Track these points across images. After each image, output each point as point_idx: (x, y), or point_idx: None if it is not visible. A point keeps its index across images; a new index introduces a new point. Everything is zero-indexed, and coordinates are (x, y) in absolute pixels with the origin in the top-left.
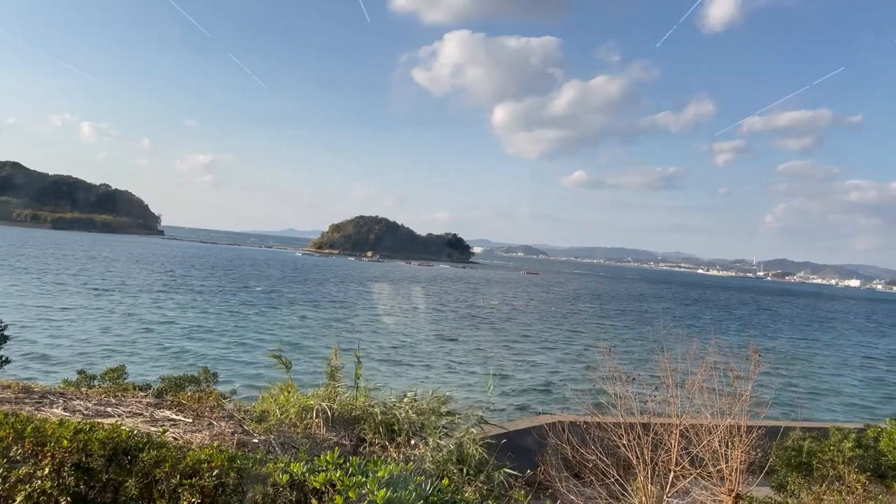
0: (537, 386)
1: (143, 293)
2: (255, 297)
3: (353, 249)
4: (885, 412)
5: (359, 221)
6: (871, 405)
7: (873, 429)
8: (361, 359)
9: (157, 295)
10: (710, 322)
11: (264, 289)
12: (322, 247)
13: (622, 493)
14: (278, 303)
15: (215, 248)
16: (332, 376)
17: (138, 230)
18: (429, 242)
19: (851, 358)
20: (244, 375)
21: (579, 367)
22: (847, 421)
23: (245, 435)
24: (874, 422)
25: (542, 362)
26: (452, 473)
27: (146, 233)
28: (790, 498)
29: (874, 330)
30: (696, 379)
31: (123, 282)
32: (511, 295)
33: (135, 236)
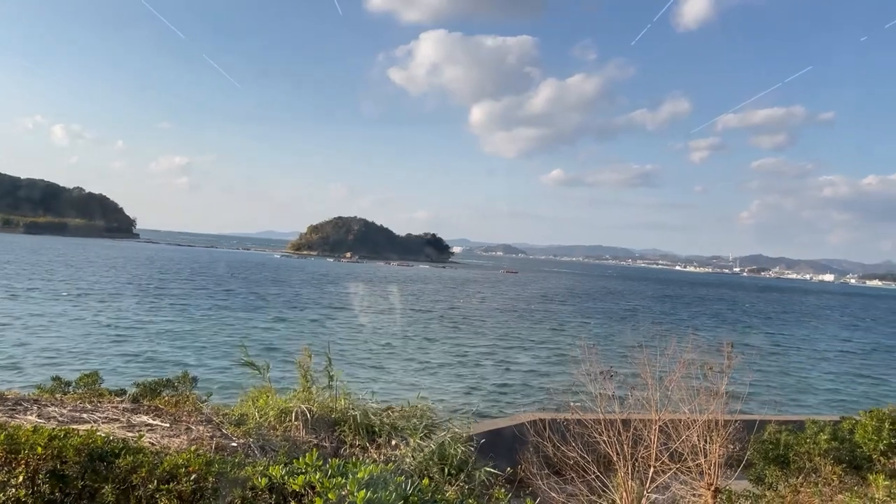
0: (518, 384)
1: (117, 298)
2: (233, 299)
3: (332, 250)
4: (860, 405)
5: (337, 222)
6: (846, 398)
7: (848, 421)
8: (339, 361)
9: (131, 299)
10: (688, 318)
11: (241, 291)
12: (300, 248)
13: (603, 489)
14: (255, 305)
15: (192, 250)
16: (306, 378)
17: (113, 234)
18: (408, 243)
19: (826, 352)
20: (222, 379)
21: (560, 365)
22: (823, 414)
23: (223, 439)
24: (849, 414)
25: (523, 360)
26: (433, 473)
27: (121, 236)
28: (768, 490)
29: (849, 324)
30: (675, 375)
31: (97, 286)
32: (491, 294)
33: (110, 240)
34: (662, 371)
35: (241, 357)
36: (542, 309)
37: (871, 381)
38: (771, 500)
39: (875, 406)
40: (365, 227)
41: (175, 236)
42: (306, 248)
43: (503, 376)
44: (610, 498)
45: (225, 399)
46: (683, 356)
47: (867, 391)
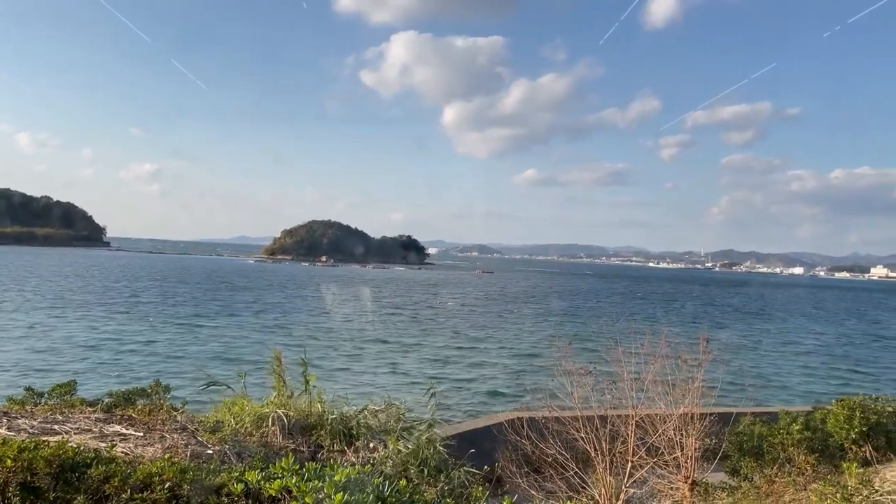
0: (496, 384)
1: (87, 308)
2: (206, 306)
3: (307, 254)
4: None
5: (311, 226)
6: (818, 389)
7: (820, 411)
8: (316, 364)
9: (101, 309)
10: (662, 314)
11: (215, 298)
12: (275, 253)
13: (581, 485)
14: (229, 312)
15: (164, 258)
16: (282, 383)
17: (83, 243)
18: (383, 245)
19: (798, 344)
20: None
21: (537, 363)
22: (795, 405)
23: (199, 446)
24: (821, 404)
25: (500, 359)
26: (411, 474)
27: (91, 245)
28: (744, 482)
29: (819, 317)
30: (650, 370)
31: (68, 297)
32: (467, 294)
33: (79, 249)
34: (638, 366)
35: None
36: (518, 308)
37: (843, 371)
38: (747, 492)
39: (846, 395)
40: (340, 230)
41: (146, 244)
42: (280, 252)
43: (482, 375)
44: (589, 494)
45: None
46: (658, 351)
47: (838, 381)
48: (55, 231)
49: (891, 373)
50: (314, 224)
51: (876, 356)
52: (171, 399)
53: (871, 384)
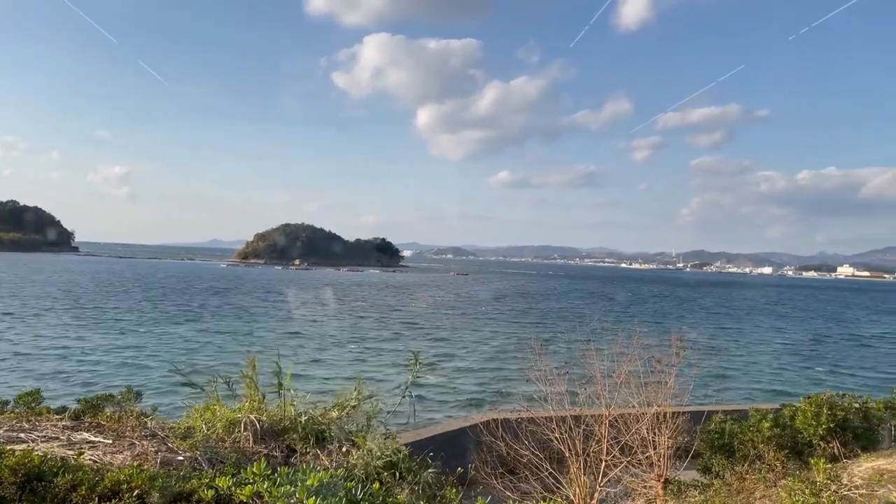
0: (471, 385)
1: (53, 315)
2: (178, 311)
3: (280, 258)
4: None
5: (284, 229)
6: (787, 387)
7: (789, 408)
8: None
9: (68, 316)
10: (635, 315)
11: (186, 303)
12: (247, 257)
13: (556, 485)
14: (202, 316)
15: (134, 262)
16: (255, 387)
17: (51, 247)
18: (357, 248)
19: (767, 343)
20: (168, 392)
21: (512, 365)
22: (765, 402)
23: (169, 453)
24: (789, 401)
25: (475, 361)
26: (385, 477)
27: (59, 250)
28: (715, 479)
29: (788, 316)
30: (623, 370)
31: (35, 303)
32: (441, 297)
33: (47, 254)
34: (611, 367)
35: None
36: (491, 310)
37: (811, 369)
38: (718, 489)
39: (813, 392)
40: (313, 233)
41: (116, 248)
42: (253, 256)
43: (457, 377)
44: (563, 494)
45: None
46: (630, 351)
47: (807, 379)
48: (22, 236)
49: (857, 370)
50: (287, 227)
51: (843, 354)
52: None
53: (838, 382)
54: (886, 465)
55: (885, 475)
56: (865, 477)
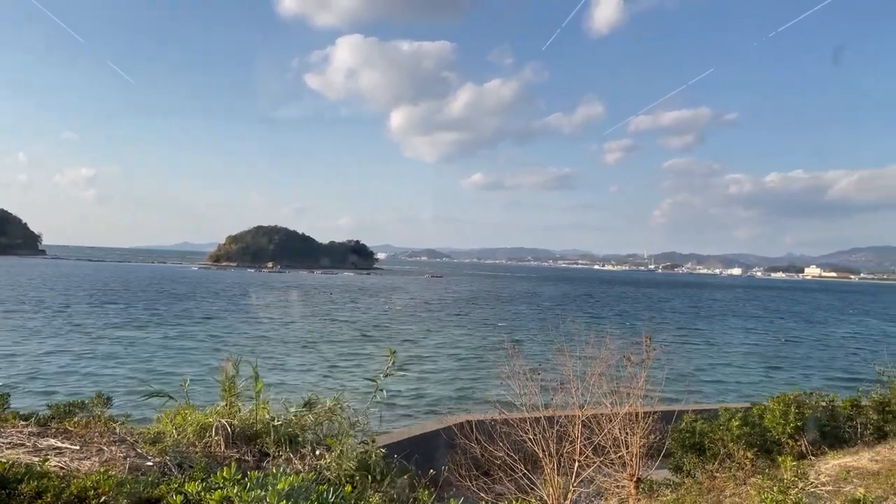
0: (446, 387)
1: (19, 319)
2: (147, 316)
3: (253, 261)
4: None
5: (257, 231)
6: (756, 386)
7: (758, 407)
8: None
9: (36, 321)
10: (608, 316)
11: (157, 307)
12: (219, 259)
13: (530, 486)
14: (173, 320)
15: (103, 265)
16: (228, 391)
17: (17, 250)
18: (331, 250)
19: (736, 343)
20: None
21: (485, 366)
22: (735, 402)
23: (138, 458)
24: (758, 401)
25: (449, 363)
26: (357, 480)
27: (26, 253)
28: (686, 478)
29: (758, 316)
30: (595, 371)
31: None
32: (415, 299)
33: (13, 258)
34: (584, 367)
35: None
36: (466, 312)
37: (779, 369)
38: (689, 488)
39: (782, 392)
40: (286, 235)
41: (85, 251)
42: (225, 258)
43: (431, 379)
44: (537, 495)
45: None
46: (603, 352)
47: (775, 379)
48: None
49: (825, 370)
50: (260, 229)
51: (811, 354)
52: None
53: (806, 381)
54: (852, 462)
55: (852, 472)
56: (832, 474)
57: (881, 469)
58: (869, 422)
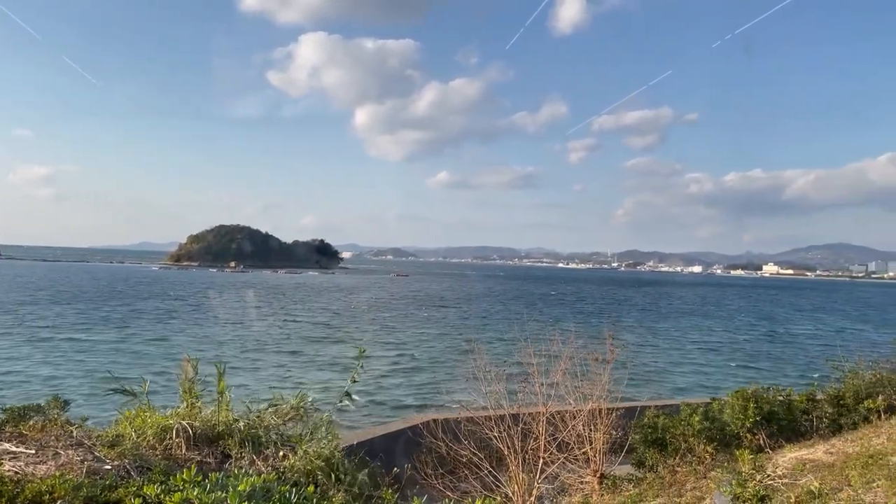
0: (411, 386)
1: None
2: (104, 317)
3: (215, 260)
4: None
5: (219, 231)
6: (717, 382)
7: (717, 402)
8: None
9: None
10: (572, 314)
11: (115, 308)
12: (180, 259)
13: (496, 483)
14: (129, 321)
15: (59, 266)
16: (188, 392)
17: None
18: (295, 250)
19: (697, 340)
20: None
21: (451, 365)
22: (695, 397)
23: (96, 462)
24: (718, 396)
25: (413, 362)
26: (321, 480)
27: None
28: (648, 473)
29: (718, 314)
30: (559, 367)
31: None
32: (380, 298)
33: None
34: (548, 365)
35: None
36: (431, 311)
37: (739, 365)
38: (651, 482)
39: (741, 387)
40: (250, 235)
41: (41, 251)
42: (187, 258)
43: (396, 378)
44: (503, 492)
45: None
46: (567, 350)
47: (735, 374)
48: None
49: (783, 365)
50: (222, 229)
51: (769, 350)
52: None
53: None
54: (808, 454)
55: (808, 464)
56: (789, 466)
57: (836, 461)
58: (824, 415)
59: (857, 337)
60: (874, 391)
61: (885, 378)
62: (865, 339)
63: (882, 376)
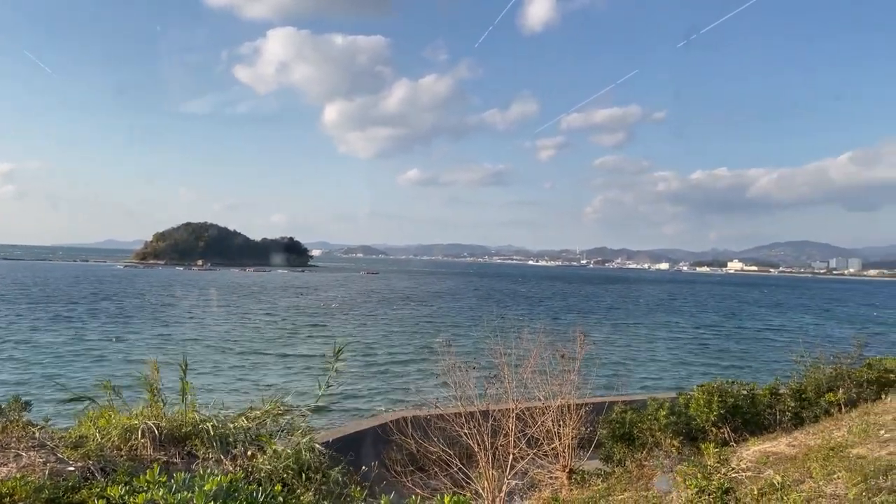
0: (381, 384)
1: None
2: (65, 316)
3: (182, 258)
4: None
5: (187, 228)
6: (683, 376)
7: (683, 396)
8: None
9: None
10: (542, 311)
11: (77, 307)
12: (146, 257)
13: (466, 480)
14: (92, 320)
15: (19, 264)
16: (153, 392)
17: None
18: (264, 247)
19: (664, 336)
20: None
21: (421, 362)
22: (662, 392)
23: (59, 463)
24: (684, 390)
25: (383, 360)
26: (289, 478)
27: None
28: (616, 467)
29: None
30: (529, 364)
31: None
32: (349, 296)
33: None
34: (518, 361)
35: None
36: (401, 308)
37: (705, 359)
38: (619, 476)
39: (706, 381)
40: (217, 232)
41: (2, 249)
42: (153, 256)
43: (366, 375)
44: (472, 489)
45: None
46: (536, 346)
47: (701, 368)
48: None
49: (748, 360)
50: (189, 226)
51: (734, 345)
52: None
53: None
54: (772, 447)
55: (771, 457)
56: (753, 459)
57: (798, 454)
58: (787, 408)
59: (820, 332)
60: (835, 385)
61: (845, 372)
62: (827, 335)
63: (842, 370)
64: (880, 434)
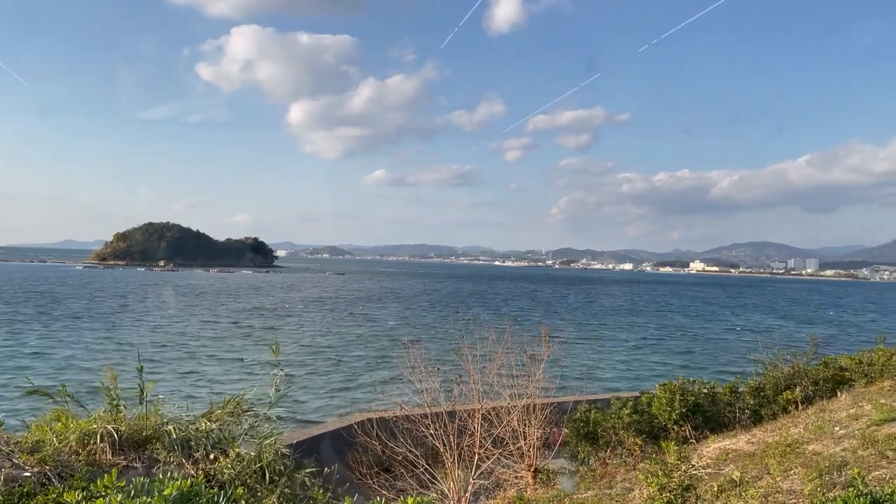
0: (346, 385)
1: None
2: (20, 318)
3: (143, 259)
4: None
5: (148, 228)
6: (646, 376)
7: (646, 395)
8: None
9: None
10: (507, 312)
11: (31, 309)
12: (106, 258)
13: (432, 481)
14: (49, 322)
15: None
16: (111, 396)
17: None
18: (228, 248)
19: (627, 336)
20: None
21: (387, 364)
22: (625, 391)
23: (14, 469)
24: (647, 389)
25: (350, 361)
26: (252, 481)
27: None
28: (581, 466)
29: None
30: (494, 364)
31: None
32: (313, 297)
33: None
34: (484, 362)
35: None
36: (367, 309)
37: (667, 359)
38: (584, 475)
39: (668, 380)
40: (180, 232)
41: None
42: (113, 257)
43: (331, 378)
44: (439, 489)
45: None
46: (502, 347)
47: (663, 368)
48: None
49: (708, 358)
50: (151, 226)
51: (695, 344)
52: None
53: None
54: (731, 444)
55: (730, 454)
56: (713, 456)
57: (756, 450)
58: (746, 406)
59: (778, 331)
60: (792, 383)
61: (801, 370)
62: (784, 334)
63: (799, 368)
64: (835, 431)
